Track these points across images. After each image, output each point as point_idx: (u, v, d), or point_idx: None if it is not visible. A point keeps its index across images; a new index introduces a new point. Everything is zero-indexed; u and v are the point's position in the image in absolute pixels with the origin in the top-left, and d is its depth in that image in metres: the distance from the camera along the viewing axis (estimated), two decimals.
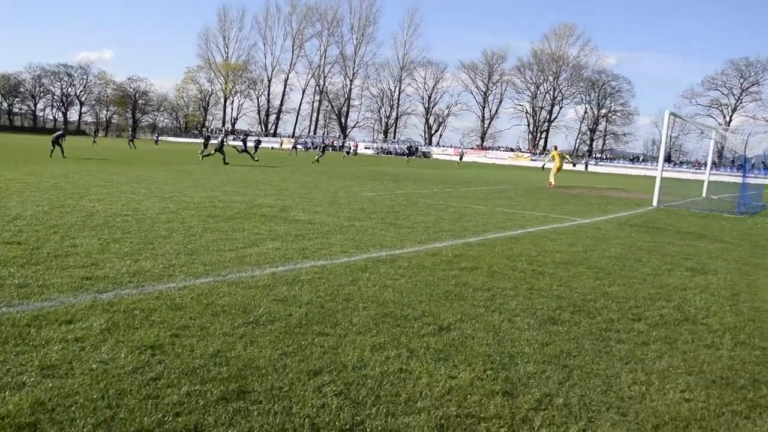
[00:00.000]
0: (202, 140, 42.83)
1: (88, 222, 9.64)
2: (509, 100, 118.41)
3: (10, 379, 3.68)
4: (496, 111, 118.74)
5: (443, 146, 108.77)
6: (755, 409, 4.01)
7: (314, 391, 3.76)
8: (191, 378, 3.83)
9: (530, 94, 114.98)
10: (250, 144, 44.52)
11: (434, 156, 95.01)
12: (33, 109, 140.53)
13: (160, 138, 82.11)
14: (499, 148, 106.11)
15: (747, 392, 4.28)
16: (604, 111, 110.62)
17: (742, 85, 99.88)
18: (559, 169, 27.92)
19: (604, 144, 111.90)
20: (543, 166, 28.56)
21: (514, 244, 9.84)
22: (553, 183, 27.96)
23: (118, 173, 20.93)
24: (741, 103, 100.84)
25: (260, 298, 5.66)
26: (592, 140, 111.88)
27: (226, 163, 30.99)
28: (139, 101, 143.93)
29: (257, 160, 36.11)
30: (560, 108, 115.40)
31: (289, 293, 5.91)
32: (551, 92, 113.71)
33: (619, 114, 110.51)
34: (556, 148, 28.94)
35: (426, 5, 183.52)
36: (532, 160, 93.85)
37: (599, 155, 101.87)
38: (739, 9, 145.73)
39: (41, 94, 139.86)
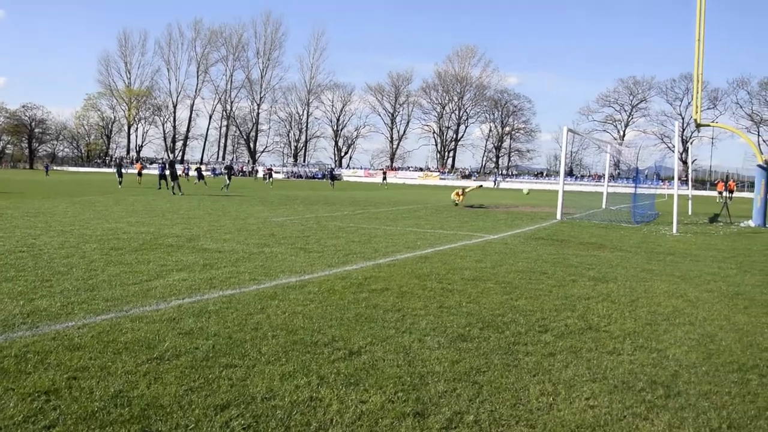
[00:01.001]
0: (115, 169, 41.41)
1: None
2: (416, 121, 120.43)
3: None
4: (404, 132, 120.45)
5: (353, 168, 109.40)
6: (653, 409, 4.20)
7: (221, 427, 3.66)
8: (89, 423, 3.65)
9: (436, 114, 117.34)
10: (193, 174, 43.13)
11: (345, 178, 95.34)
12: None
13: (50, 168, 78.62)
14: (409, 168, 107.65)
15: (645, 394, 4.48)
16: (507, 129, 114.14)
17: (632, 101, 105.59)
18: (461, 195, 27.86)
19: (509, 161, 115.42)
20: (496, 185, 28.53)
21: (424, 263, 9.97)
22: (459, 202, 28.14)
23: (11, 207, 19.87)
24: (632, 118, 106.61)
25: (165, 332, 5.48)
26: (497, 157, 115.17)
27: (174, 194, 29.98)
28: (36, 130, 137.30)
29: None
30: (466, 127, 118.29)
31: (196, 325, 5.75)
32: (456, 112, 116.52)
33: (522, 131, 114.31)
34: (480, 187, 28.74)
35: (332, 29, 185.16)
36: (441, 178, 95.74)
37: (505, 172, 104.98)
38: (628, 29, 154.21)
39: None
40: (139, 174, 45.82)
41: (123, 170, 41.57)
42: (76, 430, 3.56)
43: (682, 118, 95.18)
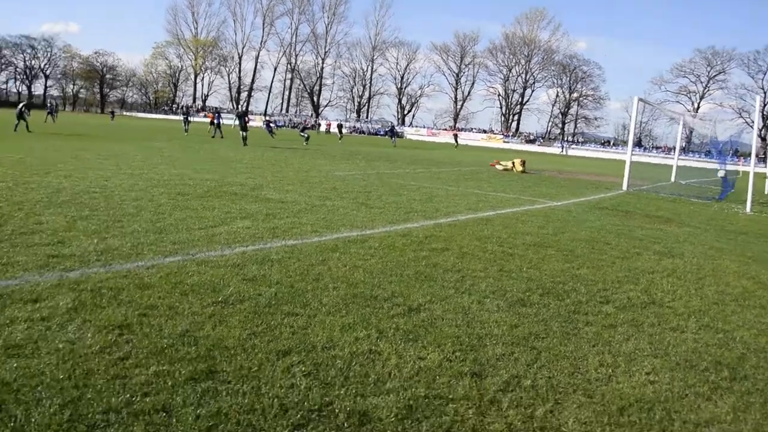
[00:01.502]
0: (182, 117, 42.30)
1: (54, 199, 9.45)
2: (482, 82, 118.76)
3: None
4: (469, 93, 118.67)
5: (416, 126, 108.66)
6: (716, 390, 4.09)
7: (283, 372, 3.74)
8: (159, 358, 3.79)
9: (502, 77, 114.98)
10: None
11: (407, 136, 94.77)
12: None
13: (116, 113, 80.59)
14: (472, 129, 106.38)
15: (709, 374, 4.37)
16: (575, 95, 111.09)
17: (709, 73, 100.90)
18: (510, 170, 26.71)
19: (575, 127, 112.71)
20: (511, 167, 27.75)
21: (485, 226, 9.88)
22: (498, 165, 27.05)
23: (85, 149, 20.55)
24: (708, 90, 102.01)
25: (229, 278, 5.61)
26: (563, 123, 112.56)
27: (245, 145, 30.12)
28: (107, 76, 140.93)
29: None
30: (532, 91, 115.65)
31: (259, 273, 5.86)
32: (523, 75, 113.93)
33: (590, 98, 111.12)
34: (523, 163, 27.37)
35: None
36: (504, 141, 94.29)
37: (571, 139, 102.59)
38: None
39: (3, 66, 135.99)
40: (211, 123, 45.40)
41: (189, 118, 42.19)
42: (147, 363, 3.70)
43: (765, 93, 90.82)
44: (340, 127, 57.61)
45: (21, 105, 31.30)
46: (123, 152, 20.05)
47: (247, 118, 32.27)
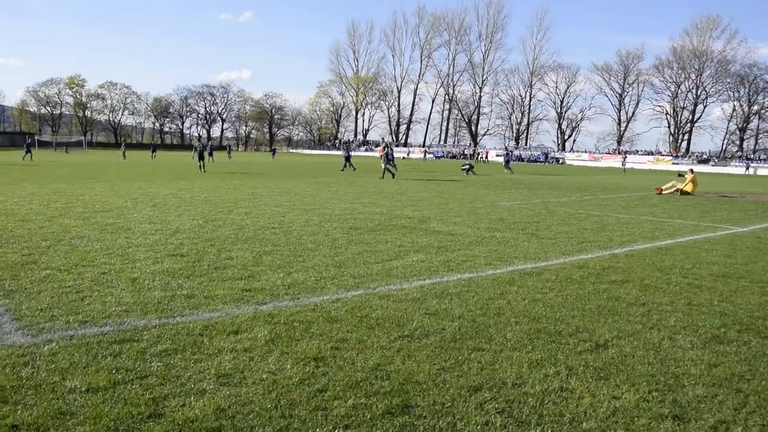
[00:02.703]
0: (343, 152, 44.25)
1: (240, 235, 10.19)
2: (647, 101, 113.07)
3: (192, 386, 3.97)
4: (633, 113, 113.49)
5: (577, 151, 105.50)
6: None
7: (476, 408, 3.77)
8: (355, 391, 3.96)
9: (670, 94, 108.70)
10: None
11: (568, 162, 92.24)
12: (181, 127, 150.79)
13: (276, 151, 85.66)
14: (637, 152, 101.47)
15: None
16: (756, 108, 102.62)
17: None
18: (683, 191, 24.97)
19: (756, 144, 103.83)
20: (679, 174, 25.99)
21: (665, 256, 9.39)
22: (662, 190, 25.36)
23: (260, 186, 22.00)
24: None
25: (412, 312, 5.75)
26: (742, 140, 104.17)
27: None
28: (275, 116, 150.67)
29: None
30: (704, 107, 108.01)
31: (440, 307, 5.97)
32: (694, 90, 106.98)
33: None
34: (692, 172, 25.69)
35: (555, 8, 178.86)
36: (673, 163, 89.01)
37: (752, 156, 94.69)
38: None
39: (187, 114, 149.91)
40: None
41: (350, 153, 43.81)
42: (345, 396, 3.88)
43: None
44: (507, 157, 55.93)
45: (202, 147, 34.66)
46: (294, 189, 21.23)
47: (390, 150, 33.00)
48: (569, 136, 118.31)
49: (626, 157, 62.03)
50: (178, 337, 4.87)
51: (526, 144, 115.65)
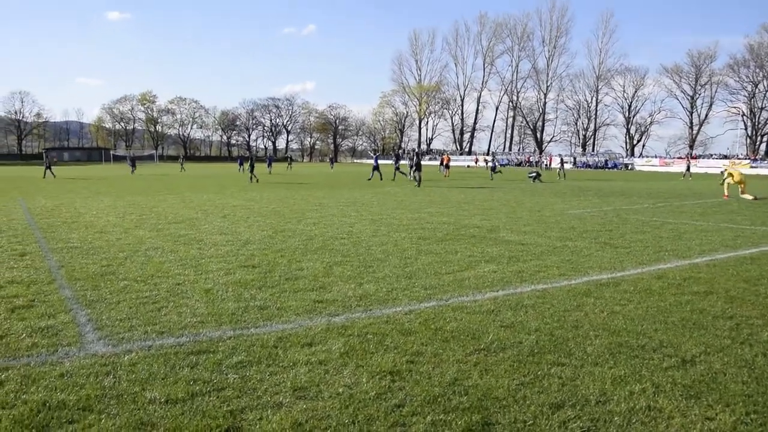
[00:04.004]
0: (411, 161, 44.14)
1: (309, 246, 10.25)
2: (721, 103, 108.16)
3: (268, 399, 3.96)
4: (706, 116, 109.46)
5: (647, 156, 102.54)
6: None
7: (560, 427, 3.63)
8: (434, 407, 3.86)
9: (747, 94, 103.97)
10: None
11: (637, 167, 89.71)
12: (247, 140, 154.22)
13: (335, 161, 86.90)
14: (711, 155, 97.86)
15: None
16: None
17: None
18: (739, 182, 23.93)
19: None
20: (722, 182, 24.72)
21: (751, 265, 8.93)
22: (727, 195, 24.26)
23: (326, 197, 22.18)
24: None
25: (487, 324, 5.62)
26: None
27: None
28: (339, 127, 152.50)
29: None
30: None
31: (515, 319, 5.81)
32: None
33: None
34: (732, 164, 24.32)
35: (621, 10, 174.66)
36: (752, 167, 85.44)
37: None
38: None
39: (254, 126, 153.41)
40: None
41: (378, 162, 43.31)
42: (423, 411, 3.79)
43: None
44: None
45: (251, 158, 36.02)
46: (360, 199, 21.31)
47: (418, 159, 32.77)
48: (638, 141, 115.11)
49: (690, 162, 58.97)
50: (253, 349, 4.88)
51: (593, 150, 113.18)
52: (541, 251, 9.87)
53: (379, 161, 39.43)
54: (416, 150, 43.22)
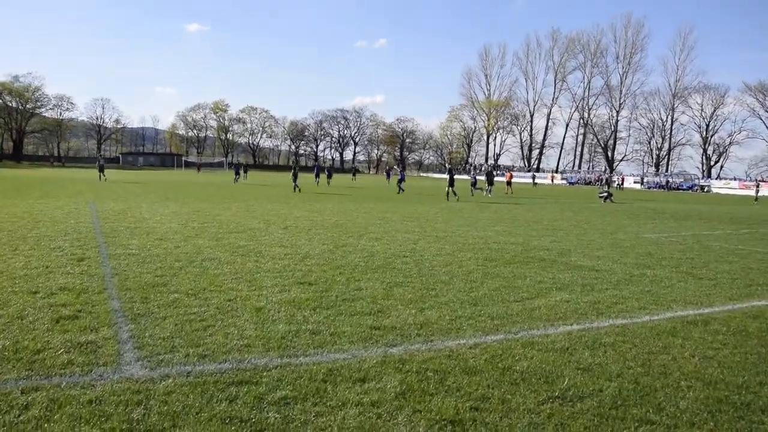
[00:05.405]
0: (485, 177, 43.09)
1: (370, 263, 9.79)
2: None
3: None
4: None
5: (724, 179, 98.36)
6: None
7: None
8: None
9: None
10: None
11: (714, 190, 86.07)
12: (315, 150, 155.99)
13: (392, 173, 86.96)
14: None
15: None
16: None
17: None
18: None
19: None
20: None
21: None
22: None
23: (390, 211, 21.74)
24: None
25: (561, 365, 5.01)
26: None
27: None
28: (407, 140, 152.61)
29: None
30: None
31: (593, 360, 5.18)
32: None
33: None
34: None
35: (701, 25, 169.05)
36: None
37: None
38: None
39: (322, 137, 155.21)
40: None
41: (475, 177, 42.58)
42: None
43: None
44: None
45: (297, 168, 36.25)
46: (425, 214, 20.79)
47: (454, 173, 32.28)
48: (716, 162, 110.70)
49: (759, 184, 55.48)
50: (299, 382, 4.42)
51: (667, 170, 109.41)
52: (618, 279, 9.13)
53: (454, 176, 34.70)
54: (491, 165, 42.69)
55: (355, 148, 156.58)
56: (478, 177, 43.59)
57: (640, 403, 4.29)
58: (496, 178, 44.11)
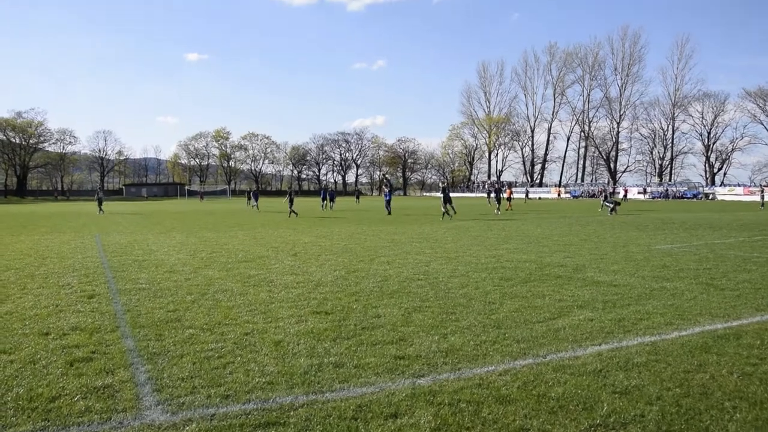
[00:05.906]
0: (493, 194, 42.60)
1: (385, 288, 9.62)
2: None
3: None
4: None
5: (729, 185, 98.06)
6: None
7: None
8: None
9: None
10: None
11: (718, 197, 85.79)
12: (317, 174, 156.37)
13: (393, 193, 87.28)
14: None
15: None
16: None
17: None
18: None
19: None
20: None
21: None
22: None
23: (398, 232, 21.56)
24: None
25: (597, 390, 4.82)
26: None
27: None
28: (408, 160, 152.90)
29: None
30: None
31: (629, 383, 4.98)
32: None
33: None
34: None
35: (697, 34, 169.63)
36: None
37: None
38: None
39: (324, 161, 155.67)
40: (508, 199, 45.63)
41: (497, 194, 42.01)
42: None
43: None
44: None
45: (293, 193, 35.99)
46: (433, 234, 20.62)
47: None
48: (719, 169, 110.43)
49: (764, 190, 55.10)
50: (329, 421, 4.22)
51: (670, 179, 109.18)
52: (638, 294, 8.94)
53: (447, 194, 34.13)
54: (498, 182, 42.70)
55: (357, 170, 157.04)
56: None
57: (686, 428, 4.10)
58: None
